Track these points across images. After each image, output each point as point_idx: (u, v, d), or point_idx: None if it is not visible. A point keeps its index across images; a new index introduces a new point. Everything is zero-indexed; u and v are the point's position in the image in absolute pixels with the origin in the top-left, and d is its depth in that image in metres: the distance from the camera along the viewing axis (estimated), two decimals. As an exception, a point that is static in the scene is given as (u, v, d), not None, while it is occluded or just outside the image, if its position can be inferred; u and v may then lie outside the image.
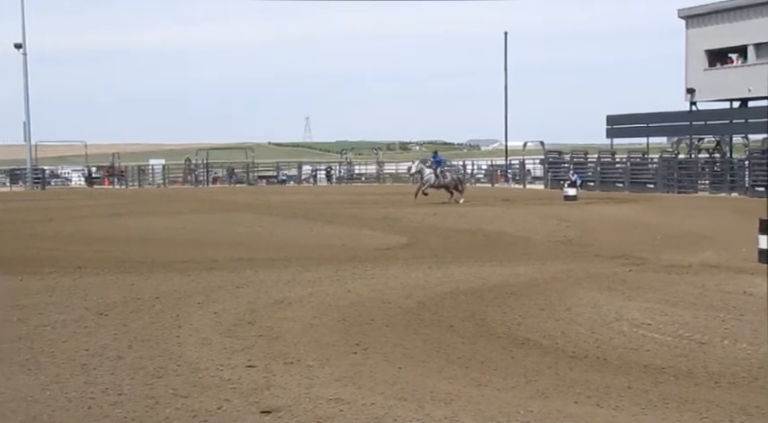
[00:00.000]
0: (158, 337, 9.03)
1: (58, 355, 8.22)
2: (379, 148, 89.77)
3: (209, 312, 10.35)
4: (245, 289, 12.07)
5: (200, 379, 7.40)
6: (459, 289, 12.04)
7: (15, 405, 6.64)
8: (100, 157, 68.58)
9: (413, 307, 10.71)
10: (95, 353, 8.32)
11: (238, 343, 8.76)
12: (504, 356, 8.27)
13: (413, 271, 13.82)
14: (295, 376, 7.46)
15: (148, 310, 10.49)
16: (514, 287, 12.19)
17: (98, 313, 10.32)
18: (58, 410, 6.54)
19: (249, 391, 7.00)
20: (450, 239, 19.19)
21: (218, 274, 13.56)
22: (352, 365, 7.86)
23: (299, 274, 13.56)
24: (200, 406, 6.61)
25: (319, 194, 41.85)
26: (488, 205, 31.01)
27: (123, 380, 7.36)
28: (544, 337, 9.16)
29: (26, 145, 58.20)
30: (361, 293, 11.65)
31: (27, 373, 7.58)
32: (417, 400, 6.72)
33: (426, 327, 9.61)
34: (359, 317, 10.06)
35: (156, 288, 12.14)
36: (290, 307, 10.70)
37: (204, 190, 52.48)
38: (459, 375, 7.55)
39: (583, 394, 6.99)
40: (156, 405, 6.65)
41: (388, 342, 8.82)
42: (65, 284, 12.57)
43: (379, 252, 16.77)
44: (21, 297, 11.46)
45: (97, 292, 11.75)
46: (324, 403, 6.66)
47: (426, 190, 31.91)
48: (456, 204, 30.70)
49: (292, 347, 8.58)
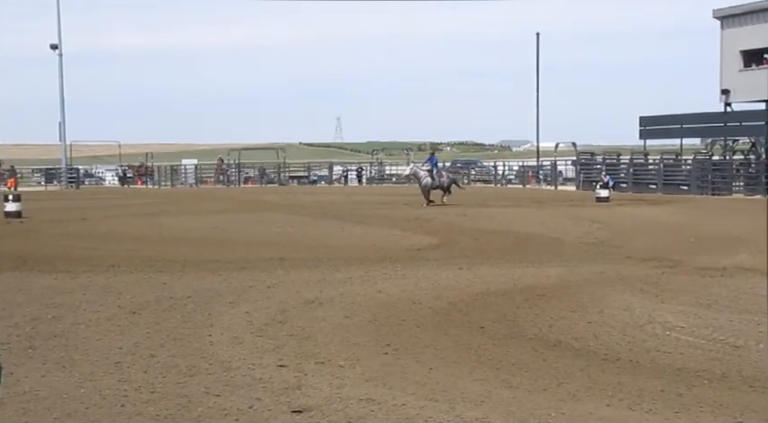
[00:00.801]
0: (190, 335, 9.10)
1: (92, 353, 8.30)
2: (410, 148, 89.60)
3: (240, 312, 10.40)
4: (277, 289, 12.12)
5: (231, 378, 7.44)
6: (489, 290, 12.00)
7: (50, 402, 6.72)
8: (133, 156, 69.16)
9: (443, 308, 10.70)
10: (128, 351, 8.40)
11: (270, 342, 8.80)
12: (535, 358, 8.23)
13: (443, 272, 13.80)
14: (326, 376, 7.48)
15: (181, 309, 10.57)
16: (546, 289, 12.13)
17: (131, 312, 10.42)
18: (92, 408, 6.61)
19: (280, 391, 7.03)
20: (481, 240, 19.14)
21: (249, 273, 13.63)
22: (382, 366, 7.87)
23: (329, 274, 13.59)
24: (231, 405, 6.65)
25: (350, 195, 41.91)
26: (520, 206, 30.89)
27: (156, 378, 7.42)
28: (576, 339, 9.10)
29: (61, 145, 58.89)
30: (391, 294, 11.65)
31: (62, 371, 7.67)
32: (448, 401, 6.71)
33: (457, 328, 9.59)
34: (390, 317, 10.06)
35: (188, 287, 12.22)
36: (321, 307, 10.73)
37: (236, 190, 52.74)
38: (490, 377, 7.53)
39: (615, 397, 6.94)
40: (189, 403, 6.70)
41: (418, 342, 8.82)
42: (99, 283, 12.70)
43: (410, 253, 16.76)
44: (55, 295, 11.59)
45: (130, 291, 11.86)
46: (355, 403, 6.67)
47: (428, 196, 31.16)
48: (444, 205, 30.23)
49: (323, 347, 8.60)
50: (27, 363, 7.90)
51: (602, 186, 36.05)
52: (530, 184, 54.41)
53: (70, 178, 57.44)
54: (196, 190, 53.83)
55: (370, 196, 40.07)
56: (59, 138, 58.99)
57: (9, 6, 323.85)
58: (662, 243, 18.62)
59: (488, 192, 46.13)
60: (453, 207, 29.72)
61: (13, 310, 10.50)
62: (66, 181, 56.92)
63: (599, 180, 41.12)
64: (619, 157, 50.34)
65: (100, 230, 22.04)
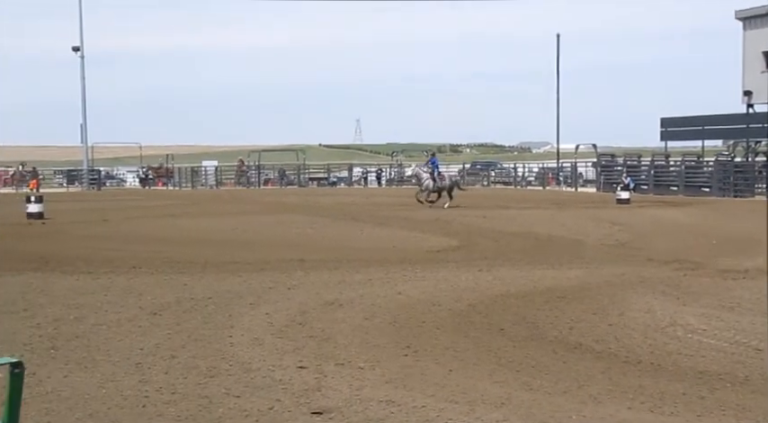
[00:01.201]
0: (211, 336, 9.13)
1: (114, 354, 8.35)
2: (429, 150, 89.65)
3: (260, 313, 10.43)
4: (297, 290, 12.14)
5: (252, 379, 7.46)
6: (509, 292, 11.97)
7: (73, 402, 6.76)
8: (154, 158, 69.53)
9: (463, 310, 10.68)
10: (149, 352, 8.44)
11: (290, 344, 8.81)
12: (555, 361, 8.20)
13: (463, 273, 13.78)
14: (346, 378, 7.49)
15: (201, 310, 10.61)
16: (566, 291, 12.09)
17: (152, 313, 10.47)
18: (114, 408, 6.64)
19: (300, 392, 7.04)
20: (501, 242, 19.09)
21: (269, 274, 13.67)
22: (402, 367, 7.86)
23: (349, 275, 13.60)
24: (252, 406, 6.66)
25: (370, 196, 41.93)
26: (540, 208, 30.80)
27: (177, 379, 7.45)
28: (596, 341, 9.06)
29: (83, 146, 59.31)
30: (411, 296, 11.65)
31: (84, 371, 7.71)
32: (468, 403, 6.70)
33: (477, 330, 9.57)
34: (409, 319, 10.06)
35: (208, 288, 12.27)
36: (341, 308, 10.74)
37: (256, 191, 52.89)
38: (510, 379, 7.51)
39: (636, 400, 6.90)
40: (210, 404, 6.72)
41: (438, 344, 8.81)
42: (120, 284, 12.77)
43: (430, 254, 16.75)
44: (77, 296, 11.66)
45: (151, 292, 11.92)
46: (374, 405, 6.67)
47: (429, 197, 30.89)
48: (451, 208, 29.84)
49: (343, 349, 8.61)
50: (49, 363, 7.96)
51: (622, 188, 35.89)
52: (550, 185, 54.24)
53: (92, 180, 57.80)
54: (216, 191, 54.03)
55: (390, 198, 40.08)
56: (81, 139, 59.47)
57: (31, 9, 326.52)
58: (683, 245, 18.51)
59: (508, 193, 46.04)
60: (473, 209, 29.66)
61: (35, 311, 10.58)
62: (88, 182, 57.28)
63: (620, 182, 40.92)
64: (640, 158, 50.09)
65: (121, 232, 22.17)
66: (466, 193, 34.53)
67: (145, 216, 27.87)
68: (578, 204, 33.66)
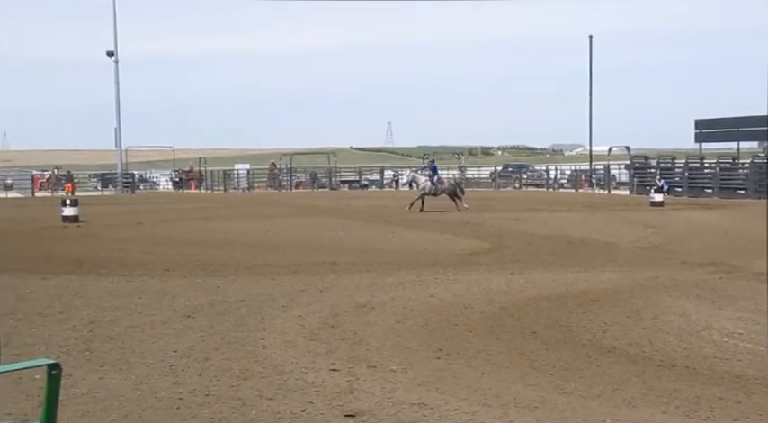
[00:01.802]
0: (244, 339, 9.18)
1: (148, 356, 8.42)
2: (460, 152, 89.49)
3: (293, 315, 10.47)
4: (329, 293, 12.17)
5: (284, 381, 7.48)
6: (542, 295, 11.92)
7: (108, 403, 6.83)
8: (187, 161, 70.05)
9: (495, 312, 10.64)
10: (183, 354, 8.50)
11: (322, 346, 8.83)
12: (589, 364, 8.14)
13: (495, 276, 13.74)
14: (378, 380, 7.49)
15: (234, 313, 10.66)
16: (599, 294, 12.00)
17: (185, 315, 10.54)
18: (148, 410, 6.70)
19: (333, 395, 7.05)
20: (533, 245, 19.00)
21: (301, 277, 13.71)
22: (434, 370, 7.85)
23: (381, 278, 13.61)
24: (284, 408, 6.69)
25: (401, 199, 41.89)
26: (572, 211, 30.62)
27: (210, 381, 7.50)
28: (630, 345, 8.99)
29: (117, 150, 59.87)
30: (443, 298, 11.63)
31: (118, 373, 7.78)
32: (501, 407, 6.68)
33: (509, 333, 9.53)
34: (441, 322, 10.04)
35: (241, 291, 12.33)
36: (373, 311, 10.75)
37: (287, 194, 53.11)
38: (544, 382, 7.47)
39: (671, 404, 6.84)
40: (243, 406, 6.75)
41: (470, 347, 8.79)
42: (154, 287, 12.87)
43: (462, 257, 16.71)
44: (112, 299, 11.78)
45: (184, 295, 12.00)
46: (407, 408, 6.66)
47: (419, 200, 30.05)
48: (463, 211, 29.49)
49: (375, 352, 8.61)
50: (85, 365, 8.04)
51: (656, 190, 35.58)
52: (582, 188, 53.91)
53: (125, 183, 58.35)
54: (248, 194, 54.30)
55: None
56: (115, 143, 60.00)
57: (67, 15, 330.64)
58: (718, 248, 18.31)
59: (540, 196, 45.82)
60: (505, 211, 29.56)
61: (70, 313, 10.70)
62: (122, 186, 57.83)
63: (653, 184, 40.58)
64: (674, 160, 49.61)
65: (155, 235, 22.35)
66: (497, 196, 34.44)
67: (178, 219, 28.08)
68: (611, 207, 33.41)
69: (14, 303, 11.44)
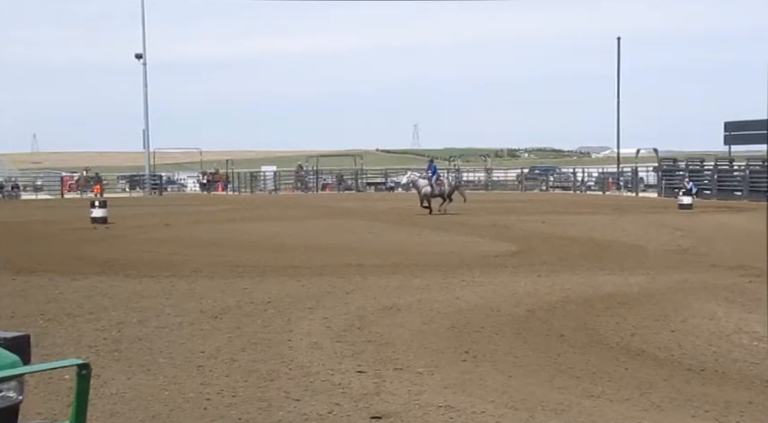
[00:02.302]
0: (270, 340, 9.20)
1: (176, 357, 8.46)
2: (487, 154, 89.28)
3: (319, 317, 10.48)
4: (355, 295, 12.18)
5: (311, 383, 7.50)
6: (569, 298, 11.85)
7: (136, 404, 6.87)
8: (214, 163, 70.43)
9: (522, 315, 10.60)
10: (210, 355, 8.54)
11: (348, 348, 8.84)
12: (617, 367, 8.09)
13: (522, 279, 13.68)
14: (404, 382, 7.48)
15: (261, 314, 10.70)
16: (627, 297, 11.92)
17: (213, 316, 10.59)
18: (176, 410, 6.73)
19: (359, 396, 7.05)
20: (560, 247, 18.91)
21: (327, 279, 13.73)
22: (461, 373, 7.83)
23: (407, 280, 13.60)
24: (311, 409, 6.70)
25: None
26: (599, 213, 30.44)
27: (237, 382, 7.53)
28: (659, 348, 8.92)
29: (145, 152, 60.32)
30: (469, 301, 11.60)
31: (146, 373, 7.84)
32: (528, 410, 6.65)
33: (536, 336, 9.49)
34: (468, 324, 10.02)
35: (268, 292, 12.37)
36: (399, 313, 10.74)
37: (314, 196, 53.24)
38: (571, 385, 7.43)
39: (701, 408, 6.77)
40: (269, 407, 6.77)
41: (497, 350, 8.76)
42: (181, 288, 12.95)
43: (488, 259, 16.66)
44: (140, 299, 11.86)
45: (212, 296, 12.06)
46: (433, 410, 6.65)
47: (424, 202, 30.07)
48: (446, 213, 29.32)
49: (402, 354, 8.60)
50: (113, 365, 8.10)
51: (684, 193, 35.31)
52: (610, 190, 53.59)
53: (153, 185, 58.77)
54: (275, 196, 54.49)
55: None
56: (143, 145, 60.45)
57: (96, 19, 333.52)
58: (748, 251, 18.10)
59: (567, 199, 45.61)
60: (532, 214, 29.44)
61: (100, 314, 10.78)
62: (150, 187, 58.23)
63: (682, 187, 40.27)
64: (702, 163, 49.22)
65: (182, 236, 22.48)
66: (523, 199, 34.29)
67: (205, 221, 28.23)
68: (639, 209, 33.19)
69: (44, 304, 11.55)
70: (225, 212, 33.05)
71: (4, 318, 10.27)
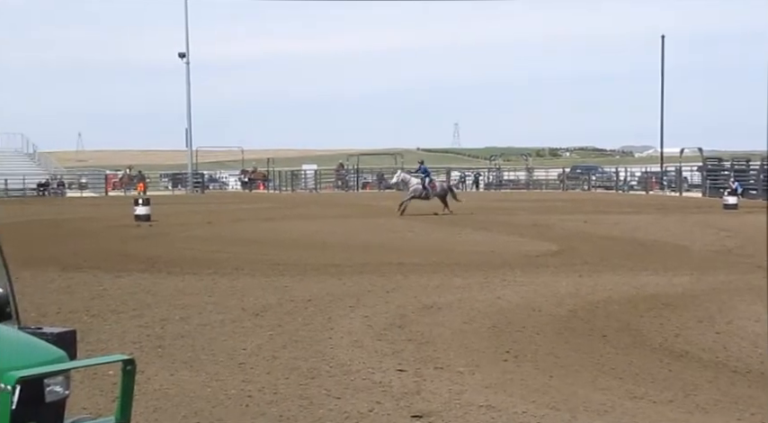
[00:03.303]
0: (311, 338, 9.24)
1: (218, 354, 8.53)
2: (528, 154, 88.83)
3: (359, 316, 10.50)
4: (395, 293, 12.18)
5: (351, 381, 7.51)
6: (611, 298, 11.75)
7: (179, 400, 6.94)
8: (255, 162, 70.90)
9: (564, 315, 10.53)
10: (252, 352, 8.59)
11: (389, 347, 8.84)
12: (660, 369, 8.00)
13: (563, 279, 13.59)
14: (445, 382, 7.47)
15: (301, 312, 10.74)
16: (671, 298, 11.79)
17: (254, 314, 10.66)
18: (218, 406, 6.79)
19: (400, 395, 7.05)
20: (603, 247, 18.75)
21: (368, 278, 13.75)
22: (502, 373, 7.80)
23: (447, 279, 13.57)
24: (352, 408, 6.71)
25: (469, 200, 41.75)
26: (642, 213, 30.14)
27: (278, 379, 7.56)
28: (703, 350, 8.81)
29: (187, 151, 60.87)
30: (510, 300, 11.55)
31: (189, 370, 7.91)
32: (570, 410, 6.60)
33: (578, 336, 9.42)
34: (509, 324, 9.97)
35: (308, 291, 12.42)
36: (440, 312, 10.72)
37: (354, 195, 53.33)
38: (614, 386, 7.37)
39: (746, 411, 6.67)
40: (310, 405, 6.80)
41: (538, 350, 8.71)
42: (223, 285, 13.05)
43: (529, 259, 16.57)
44: (182, 296, 11.97)
45: (253, 294, 12.14)
46: (474, 410, 6.63)
47: (407, 202, 29.10)
48: (451, 214, 28.65)
49: (442, 353, 8.59)
50: (157, 361, 8.19)
51: (730, 193, 34.79)
52: (653, 190, 53.01)
53: (195, 183, 59.28)
54: (315, 195, 54.68)
55: (488, 202, 39.85)
56: (186, 144, 61.01)
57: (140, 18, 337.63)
58: (795, 252, 17.81)
59: (609, 198, 45.19)
60: (573, 213, 29.22)
61: (143, 311, 10.91)
62: (192, 185, 58.74)
63: (727, 186, 39.70)
64: (748, 162, 48.46)
65: (224, 234, 22.65)
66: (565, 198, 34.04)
67: (246, 219, 28.42)
68: (683, 209, 32.79)
69: (89, 300, 11.71)
70: (266, 211, 33.24)
71: (50, 314, 10.45)
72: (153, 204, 28.25)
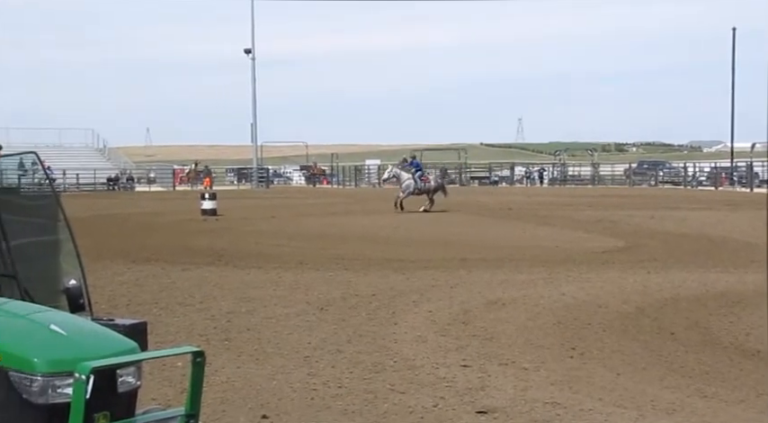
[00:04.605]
0: (375, 333, 9.27)
1: (283, 347, 8.61)
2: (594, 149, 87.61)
3: (423, 311, 10.50)
4: (459, 289, 12.14)
5: (416, 376, 7.52)
6: (680, 295, 11.54)
7: (245, 392, 7.02)
8: (319, 157, 71.35)
9: (631, 312, 10.38)
10: (317, 346, 8.65)
11: (453, 342, 8.83)
12: (731, 368, 7.84)
13: (630, 275, 13.39)
14: (510, 378, 7.43)
15: (365, 307, 10.78)
16: (742, 295, 11.53)
17: (319, 308, 10.73)
18: (284, 399, 6.85)
19: (464, 391, 7.03)
20: (671, 244, 18.42)
21: (431, 273, 13.74)
22: (568, 370, 7.73)
23: (511, 275, 13.49)
24: (416, 402, 6.71)
25: (532, 196, 41.43)
26: (712, 209, 29.53)
27: (343, 373, 7.60)
28: (776, 349, 8.60)
29: (253, 146, 61.53)
30: (576, 297, 11.42)
31: (255, 363, 8.00)
32: (638, 409, 6.51)
33: (646, 333, 9.29)
34: (574, 320, 9.87)
35: (372, 285, 12.45)
36: (504, 308, 10.66)
37: (417, 190, 53.21)
38: (682, 385, 7.24)
39: (821, 413, 6.50)
40: (375, 399, 6.82)
41: (605, 347, 8.61)
42: (287, 279, 13.16)
43: (595, 255, 16.37)
44: (248, 290, 12.11)
45: (317, 288, 12.22)
46: (540, 407, 6.58)
47: (404, 199, 28.72)
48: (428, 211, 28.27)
49: (507, 349, 8.54)
50: (224, 354, 8.29)
51: (803, 188, 33.88)
52: (722, 186, 51.91)
53: (260, 178, 59.86)
54: (379, 190, 54.78)
55: (553, 197, 39.48)
56: (251, 139, 61.68)
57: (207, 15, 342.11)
58: None
59: (677, 194, 44.38)
60: (640, 209, 28.77)
61: (210, 303, 11.06)
62: (257, 180, 59.35)
63: (800, 182, 38.66)
64: (822, 157, 47.17)
65: (288, 228, 22.84)
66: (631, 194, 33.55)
67: (310, 214, 28.60)
68: (754, 205, 32.00)
69: (157, 293, 11.92)
70: (329, 205, 33.42)
71: (120, 305, 10.66)
72: (219, 199, 28.61)
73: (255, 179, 59.65)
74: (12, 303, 4.08)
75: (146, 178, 61.00)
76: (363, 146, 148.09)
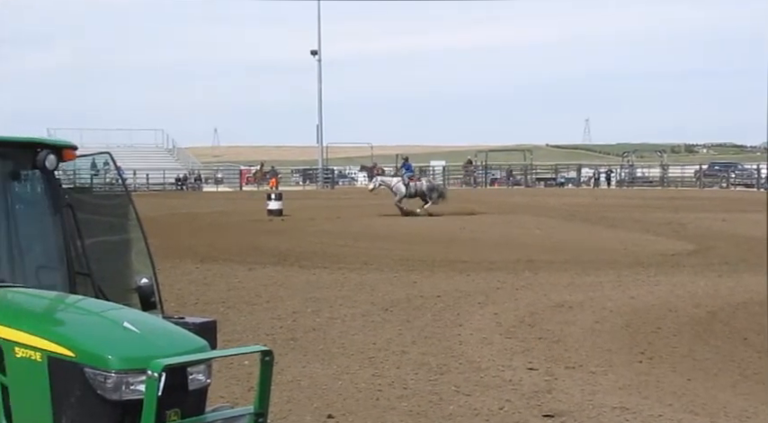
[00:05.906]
0: (440, 334, 9.24)
1: (348, 347, 8.64)
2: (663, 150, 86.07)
3: (489, 312, 10.44)
4: (525, 291, 12.05)
5: (481, 378, 7.47)
6: (753, 300, 11.26)
7: (311, 392, 7.07)
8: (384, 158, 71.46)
9: (702, 317, 10.18)
10: (382, 347, 8.66)
11: (519, 344, 8.76)
12: (806, 375, 7.63)
13: (701, 279, 13.13)
14: (577, 381, 7.34)
15: (430, 308, 10.76)
16: (817, 301, 11.20)
17: (383, 309, 10.74)
18: (349, 399, 6.87)
19: (530, 394, 6.97)
20: (743, 247, 18.00)
21: (497, 274, 13.65)
22: (637, 374, 7.61)
23: (578, 277, 13.33)
24: (482, 405, 6.68)
25: (599, 197, 40.85)
26: (785, 211, 28.76)
27: (408, 374, 7.60)
28: None
29: (318, 146, 61.94)
30: (645, 300, 11.24)
31: (321, 363, 8.04)
32: (709, 415, 6.37)
33: (717, 338, 9.10)
34: (643, 324, 9.71)
35: (437, 287, 12.42)
36: (571, 311, 10.54)
37: (482, 191, 52.99)
38: (757, 392, 7.07)
39: None
40: (440, 401, 6.80)
41: (675, 352, 8.45)
42: (352, 280, 13.21)
43: (664, 258, 16.08)
44: (314, 290, 12.18)
45: (382, 289, 12.23)
46: (608, 411, 6.48)
47: (400, 203, 28.48)
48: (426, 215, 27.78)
49: (573, 352, 8.44)
50: (290, 353, 8.36)
51: None
52: (798, 187, 50.52)
53: (326, 178, 60.21)
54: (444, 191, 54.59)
55: (620, 199, 38.87)
56: (317, 140, 62.15)
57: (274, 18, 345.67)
58: None
59: (750, 196, 43.35)
60: (710, 211, 28.19)
61: (276, 303, 11.16)
62: (322, 181, 59.70)
63: None
64: None
65: (353, 229, 22.90)
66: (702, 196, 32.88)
67: (374, 214, 28.63)
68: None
69: (225, 292, 12.07)
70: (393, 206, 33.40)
71: (188, 304, 10.82)
72: (285, 199, 28.83)
73: (321, 180, 60.01)
74: (86, 301, 4.17)
75: (213, 178, 61.82)
76: (429, 147, 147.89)
